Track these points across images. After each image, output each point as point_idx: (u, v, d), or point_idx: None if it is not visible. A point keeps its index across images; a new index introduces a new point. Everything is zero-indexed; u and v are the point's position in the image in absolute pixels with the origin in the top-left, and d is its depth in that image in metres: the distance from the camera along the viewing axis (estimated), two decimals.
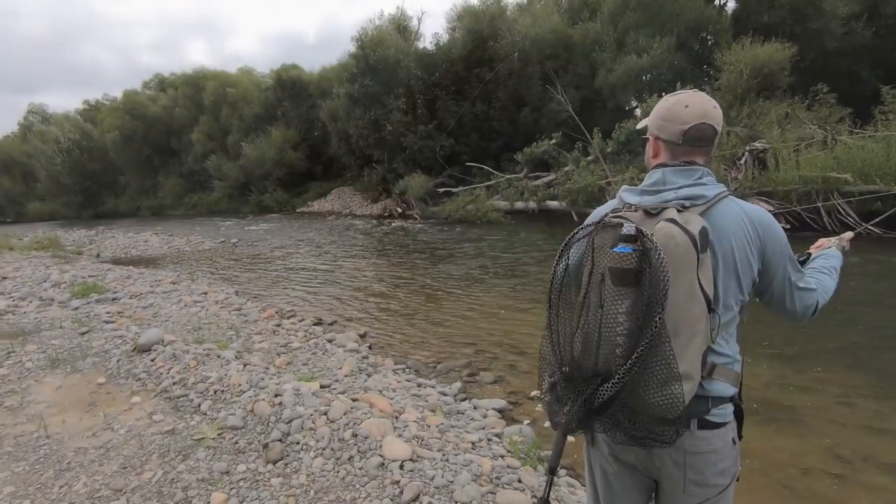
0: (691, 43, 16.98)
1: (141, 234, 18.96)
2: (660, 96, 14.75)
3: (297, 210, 26.83)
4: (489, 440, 3.13)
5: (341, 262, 11.30)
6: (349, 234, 16.51)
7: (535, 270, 8.94)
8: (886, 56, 15.69)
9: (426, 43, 24.21)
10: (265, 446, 2.60)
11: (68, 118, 42.87)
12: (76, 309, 6.33)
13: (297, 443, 2.60)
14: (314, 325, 6.22)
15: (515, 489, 2.41)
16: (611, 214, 1.18)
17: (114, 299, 7.10)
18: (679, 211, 1.13)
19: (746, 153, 11.51)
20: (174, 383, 3.48)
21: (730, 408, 1.22)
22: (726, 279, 1.17)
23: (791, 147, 11.02)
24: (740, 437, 1.26)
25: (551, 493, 2.00)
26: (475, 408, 3.84)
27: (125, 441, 2.88)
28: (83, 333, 4.80)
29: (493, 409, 3.85)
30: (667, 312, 1.02)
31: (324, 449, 2.54)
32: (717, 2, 18.57)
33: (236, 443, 2.72)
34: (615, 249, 1.06)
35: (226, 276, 10.24)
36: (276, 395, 3.01)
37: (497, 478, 2.46)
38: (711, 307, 1.11)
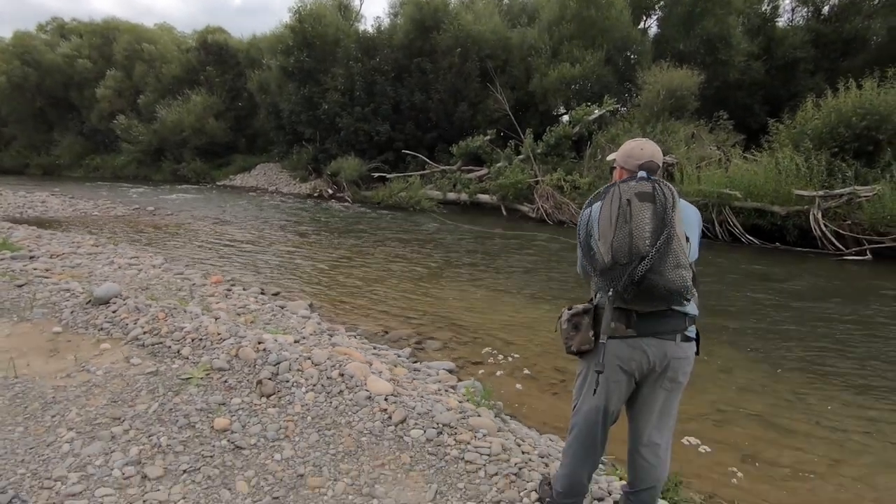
0: (617, 59, 18.48)
1: (35, 194, 17.09)
2: (588, 105, 16.14)
3: (218, 183, 25.45)
4: (446, 391, 3.58)
5: (273, 237, 11.17)
6: (278, 210, 16.15)
7: (469, 253, 9.51)
8: (775, 92, 18.14)
9: (367, 25, 23.98)
10: (258, 382, 2.85)
11: None
12: None
13: (288, 381, 2.88)
14: (260, 294, 6.30)
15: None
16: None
17: (32, 257, 6.65)
18: None
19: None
20: (145, 332, 3.55)
21: (695, 328, 1.80)
22: (688, 234, 1.75)
23: (694, 164, 12.53)
24: (697, 353, 1.83)
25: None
26: (427, 368, 4.28)
27: (106, 380, 2.97)
28: (20, 286, 4.59)
29: (444, 369, 4.32)
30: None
31: (314, 385, 2.85)
32: (642, 24, 20.31)
33: (226, 381, 2.93)
34: (637, 180, 1.69)
35: (149, 243, 9.78)
36: (259, 342, 3.24)
37: (463, 411, 2.92)
38: (687, 238, 1.69)
